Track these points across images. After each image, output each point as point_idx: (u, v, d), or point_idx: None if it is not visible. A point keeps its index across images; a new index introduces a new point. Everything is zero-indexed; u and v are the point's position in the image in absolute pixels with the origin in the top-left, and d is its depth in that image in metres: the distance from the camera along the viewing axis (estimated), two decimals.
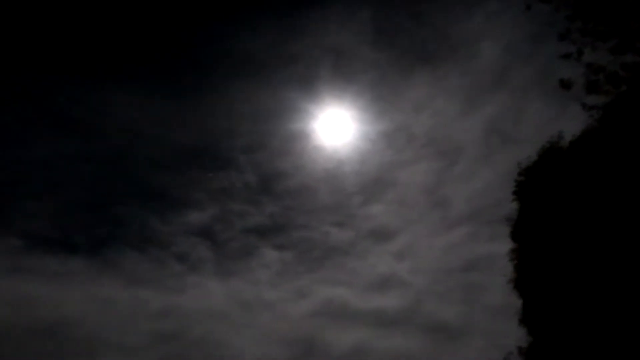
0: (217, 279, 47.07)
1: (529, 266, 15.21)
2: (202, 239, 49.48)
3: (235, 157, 52.87)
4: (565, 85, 14.81)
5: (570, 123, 16.03)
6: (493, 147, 49.51)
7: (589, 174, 14.24)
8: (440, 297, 45.03)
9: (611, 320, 12.84)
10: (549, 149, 15.86)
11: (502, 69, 47.85)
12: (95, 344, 38.31)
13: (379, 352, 40.22)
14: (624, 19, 13.87)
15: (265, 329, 42.90)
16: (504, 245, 16.67)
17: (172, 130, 53.53)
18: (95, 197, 51.18)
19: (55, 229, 47.32)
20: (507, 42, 45.27)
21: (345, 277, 48.20)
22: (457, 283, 45.83)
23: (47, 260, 43.76)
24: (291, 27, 49.20)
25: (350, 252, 50.64)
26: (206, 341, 40.57)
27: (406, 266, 48.78)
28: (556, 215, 14.63)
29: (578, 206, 14.18)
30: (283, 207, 52.14)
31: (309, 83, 53.24)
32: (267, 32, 49.74)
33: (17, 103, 49.36)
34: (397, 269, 48.35)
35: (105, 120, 51.37)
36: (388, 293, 46.62)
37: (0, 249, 42.73)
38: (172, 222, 50.15)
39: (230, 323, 42.73)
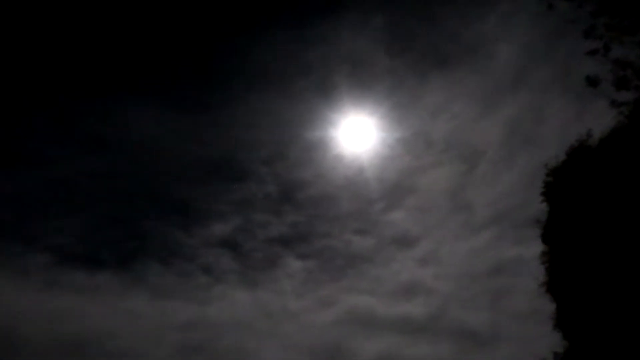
0: (242, 289, 47.29)
1: (561, 269, 14.82)
2: (226, 250, 49.84)
3: (255, 168, 53.24)
4: (592, 82, 14.49)
5: (594, 121, 15.67)
6: (514, 149, 48.84)
7: (620, 171, 13.86)
8: (467, 302, 44.36)
9: None
10: (578, 148, 15.50)
11: (520, 70, 47.28)
12: (124, 356, 38.74)
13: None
14: None
15: (291, 338, 42.85)
16: (531, 249, 16.29)
17: (192, 143, 54.24)
18: (120, 212, 52.08)
19: (83, 245, 48.25)
20: (523, 42, 44.77)
21: (369, 284, 47.91)
22: (483, 288, 45.12)
23: (75, 275, 44.61)
24: (306, 37, 49.56)
25: (373, 259, 50.36)
26: (233, 352, 40.68)
27: (430, 272, 48.27)
28: (588, 215, 14.26)
29: (611, 205, 13.80)
30: (305, 216, 52.25)
31: (326, 92, 53.40)
32: (283, 43, 50.19)
33: (39, 122, 50.64)
34: (421, 275, 47.87)
35: (126, 136, 52.33)
36: (413, 300, 46.16)
37: (30, 265, 43.71)
38: (195, 235, 50.66)
39: (256, 333, 42.79)
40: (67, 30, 46.50)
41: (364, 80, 53.03)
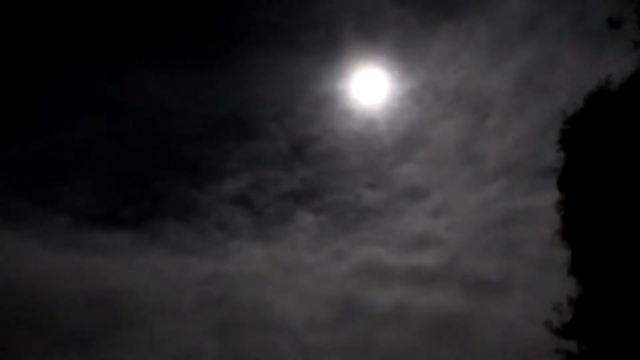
0: (257, 244, 48.22)
1: (578, 216, 14.85)
2: (240, 207, 50.50)
3: (264, 124, 53.04)
4: (614, 23, 14.00)
5: (609, 67, 15.26)
6: (525, 99, 47.93)
7: None
8: (479, 252, 44.89)
9: None
10: (597, 94, 15.17)
11: (532, 17, 45.73)
12: (147, 310, 40.15)
13: (419, 309, 40.74)
14: None
15: (306, 290, 43.96)
16: (542, 198, 16.25)
17: (201, 102, 53.95)
18: (135, 172, 52.73)
19: (100, 205, 49.19)
20: None
21: (381, 237, 48.53)
22: (495, 238, 45.51)
23: (94, 235, 45.66)
24: None
25: (384, 212, 50.76)
26: (251, 304, 41.96)
27: (442, 223, 48.65)
28: (606, 162, 14.13)
29: (630, 152, 13.65)
30: (315, 172, 52.41)
31: (332, 45, 52.37)
32: None
33: (52, 88, 50.62)
34: (433, 227, 48.29)
35: (137, 98, 52.15)
36: (425, 251, 46.79)
37: (50, 227, 44.74)
38: (209, 192, 51.25)
39: (272, 286, 43.93)
40: None
41: (370, 32, 51.74)
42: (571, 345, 14.95)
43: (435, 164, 52.09)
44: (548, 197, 16.28)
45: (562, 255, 15.69)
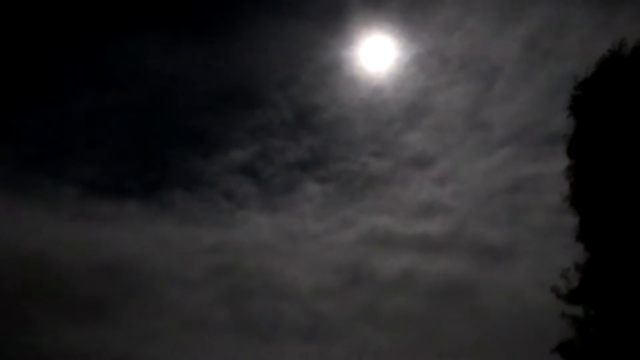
0: (264, 213, 48.55)
1: (587, 182, 14.79)
2: (246, 177, 50.66)
3: (269, 93, 52.61)
4: None
5: (621, 31, 14.91)
6: (533, 65, 47.06)
7: None
8: (485, 220, 45.02)
9: None
10: (609, 59, 14.87)
11: None
12: (156, 279, 40.87)
13: (425, 276, 41.22)
14: None
15: (313, 258, 44.47)
16: (549, 165, 16.17)
17: (205, 71, 53.43)
18: (140, 143, 52.85)
19: (108, 176, 49.51)
20: None
21: (387, 205, 48.66)
22: (502, 205, 45.53)
23: (103, 205, 46.08)
24: None
25: (391, 180, 50.75)
26: (260, 272, 42.55)
27: (448, 191, 48.64)
28: (618, 128, 13.98)
29: None
30: (321, 140, 52.25)
31: (337, 11, 51.34)
32: None
33: (55, 60, 50.32)
34: (440, 195, 48.31)
35: (139, 68, 51.72)
36: (432, 219, 46.96)
37: (60, 198, 45.16)
38: (216, 162, 51.34)
39: (280, 255, 44.45)
40: None
41: None
42: (577, 311, 15.16)
43: (442, 132, 51.72)
44: (555, 164, 16.20)
45: (569, 222, 15.73)
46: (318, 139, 52.45)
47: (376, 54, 47.15)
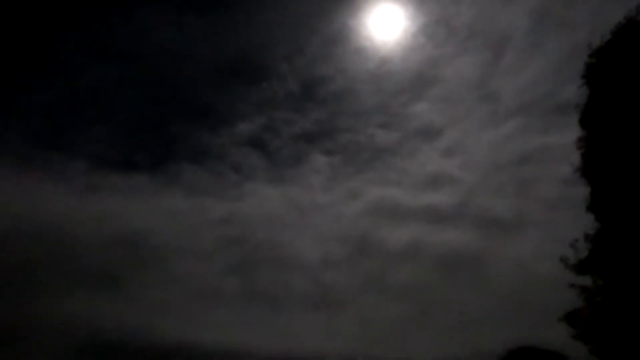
0: (271, 185, 48.97)
1: (600, 153, 14.65)
2: (254, 149, 50.89)
3: (275, 66, 52.34)
4: None
5: (631, 1, 14.45)
6: (543, 34, 46.36)
7: None
8: (492, 191, 45.05)
9: None
10: (626, 26, 14.50)
11: None
12: (166, 251, 41.41)
13: (432, 247, 41.54)
14: None
15: (321, 229, 44.91)
16: (558, 137, 16.01)
17: (209, 44, 53.02)
18: (149, 117, 53.17)
19: (117, 150, 50.09)
20: None
21: (395, 176, 48.82)
22: (510, 177, 45.53)
23: (112, 178, 46.63)
24: None
25: (398, 152, 50.68)
26: (268, 243, 43.13)
27: (456, 163, 48.66)
28: (633, 98, 13.74)
29: None
30: (328, 112, 52.17)
31: None
32: None
33: (67, 36, 49.99)
34: (447, 166, 48.28)
35: (145, 44, 51.35)
36: (439, 190, 47.10)
37: (70, 172, 45.63)
38: (223, 135, 51.59)
39: (288, 226, 44.89)
40: None
41: None
42: (586, 281, 15.22)
43: (449, 103, 51.31)
44: (563, 135, 16.03)
45: (576, 193, 15.63)
46: (324, 110, 52.41)
47: (384, 23, 46.36)
